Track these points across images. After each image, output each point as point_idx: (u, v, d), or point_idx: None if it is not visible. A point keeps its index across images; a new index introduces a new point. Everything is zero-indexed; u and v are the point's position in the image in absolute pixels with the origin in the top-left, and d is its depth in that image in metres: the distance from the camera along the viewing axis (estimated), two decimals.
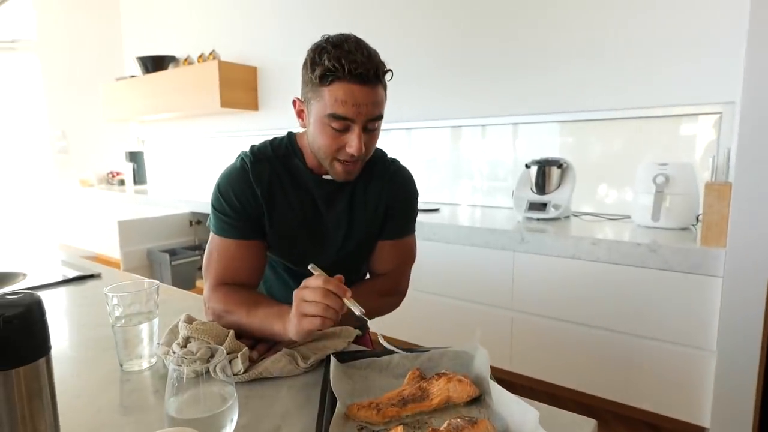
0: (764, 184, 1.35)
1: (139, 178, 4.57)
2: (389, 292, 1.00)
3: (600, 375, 1.70)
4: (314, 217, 0.93)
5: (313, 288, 0.68)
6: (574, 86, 2.20)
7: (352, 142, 0.81)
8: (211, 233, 0.91)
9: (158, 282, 0.79)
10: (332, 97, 0.78)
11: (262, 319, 0.76)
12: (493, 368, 2.00)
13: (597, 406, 1.76)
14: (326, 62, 0.76)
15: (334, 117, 0.79)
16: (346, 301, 0.70)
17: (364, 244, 0.98)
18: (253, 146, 0.94)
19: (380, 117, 0.82)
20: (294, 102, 0.88)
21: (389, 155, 1.03)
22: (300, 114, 0.88)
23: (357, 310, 0.69)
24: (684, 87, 1.92)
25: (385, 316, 0.96)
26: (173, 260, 3.09)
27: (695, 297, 1.50)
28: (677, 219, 1.76)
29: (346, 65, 0.75)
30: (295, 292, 0.71)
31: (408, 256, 1.03)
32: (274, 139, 0.95)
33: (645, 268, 1.57)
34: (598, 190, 2.22)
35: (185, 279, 3.15)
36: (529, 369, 1.86)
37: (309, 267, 0.75)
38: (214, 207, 0.90)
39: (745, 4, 1.38)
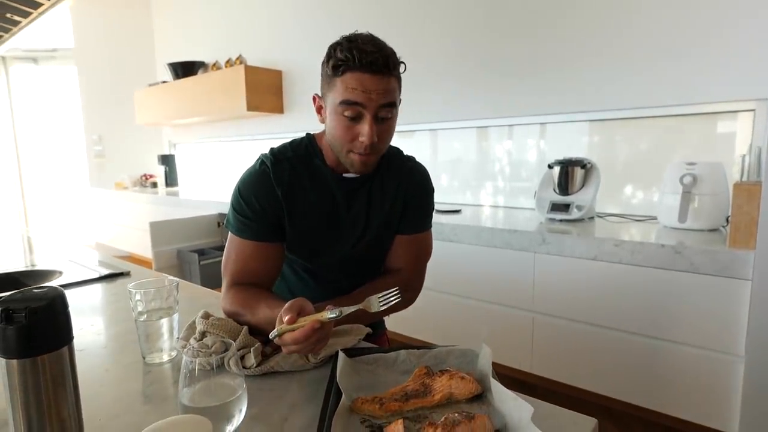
0: None
1: (170, 180, 4.74)
2: (404, 288, 1.00)
3: (623, 379, 1.66)
4: (333, 215, 0.95)
5: (296, 339, 0.66)
6: (601, 84, 2.16)
7: (364, 131, 0.83)
8: (230, 234, 0.94)
9: (178, 279, 0.83)
10: (344, 85, 0.81)
11: (266, 322, 0.78)
12: (514, 370, 1.99)
13: (620, 410, 1.73)
14: (338, 54, 0.80)
15: (346, 104, 0.81)
16: (326, 317, 0.66)
17: (379, 240, 0.99)
18: (272, 148, 0.96)
19: (392, 105, 0.84)
20: (314, 98, 0.91)
21: (409, 154, 1.05)
22: (319, 110, 0.91)
23: (339, 314, 0.67)
24: (715, 84, 1.86)
25: (405, 316, 0.98)
26: (202, 260, 3.18)
27: (723, 300, 1.45)
28: (706, 220, 1.70)
29: (357, 55, 0.79)
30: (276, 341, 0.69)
31: (423, 252, 1.04)
32: (293, 140, 0.98)
33: (670, 270, 1.53)
34: (624, 191, 2.17)
35: (213, 278, 3.24)
36: (551, 371, 1.84)
37: (270, 335, 0.69)
38: (234, 208, 0.93)
39: None
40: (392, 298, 0.72)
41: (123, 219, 4.51)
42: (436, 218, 2.15)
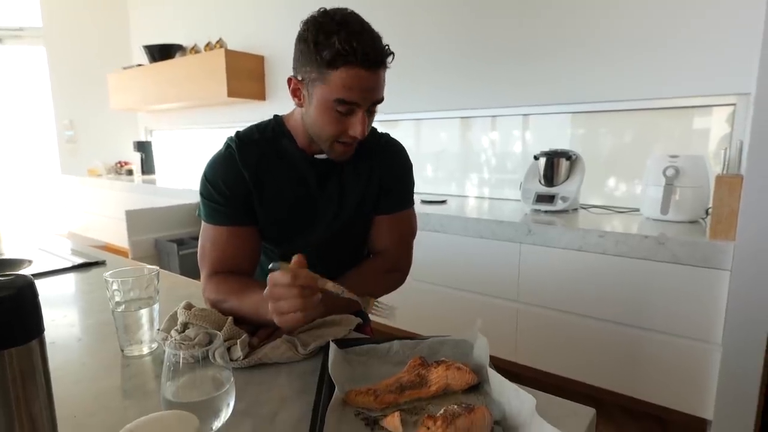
0: None
1: (147, 167, 4.60)
2: (390, 269, 0.98)
3: (605, 367, 1.69)
4: (305, 197, 0.92)
5: (283, 284, 0.66)
6: (585, 76, 2.16)
7: (357, 126, 0.80)
8: (203, 223, 0.90)
9: (158, 268, 0.79)
10: (340, 81, 0.76)
11: (255, 306, 0.76)
12: (498, 359, 2.01)
13: (602, 398, 1.75)
14: (336, 44, 0.74)
15: (342, 102, 0.78)
16: (330, 288, 0.69)
17: (356, 222, 0.96)
18: (238, 131, 0.92)
19: (382, 100, 0.82)
20: (289, 81, 0.85)
21: (383, 131, 1.01)
22: (296, 93, 0.85)
23: (334, 290, 0.69)
24: (697, 78, 1.88)
25: (389, 300, 0.95)
26: (181, 250, 3.10)
27: (702, 290, 1.47)
28: (687, 212, 1.73)
29: (358, 49, 0.74)
30: (265, 293, 0.68)
31: (407, 231, 1.01)
32: (260, 123, 0.94)
33: (652, 261, 1.55)
34: (607, 183, 2.19)
35: (193, 268, 3.16)
36: (535, 360, 1.85)
37: (269, 267, 0.70)
38: (202, 195, 0.89)
39: None
40: (385, 311, 0.73)
41: (97, 207, 4.36)
42: (422, 209, 2.13)
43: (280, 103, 3.55)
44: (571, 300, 1.74)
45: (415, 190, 1.04)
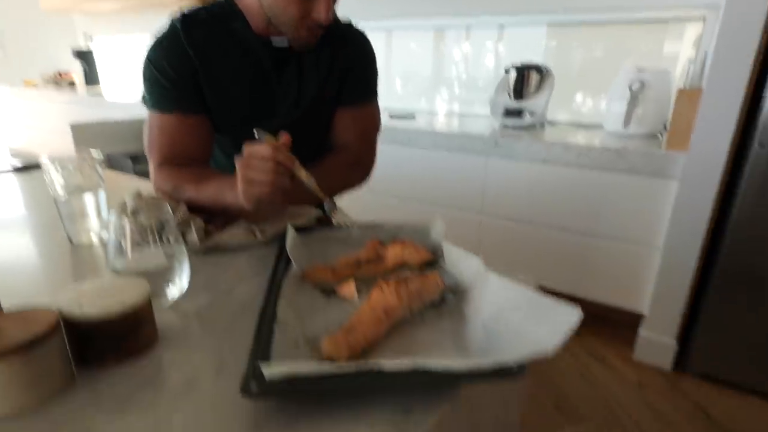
0: (734, 89, 1.35)
1: (90, 78, 4.23)
2: (353, 164, 0.96)
3: (559, 271, 1.80)
4: (261, 84, 0.86)
5: (262, 155, 0.64)
6: None
7: (321, 10, 0.74)
8: (148, 112, 0.84)
9: (100, 153, 0.74)
10: None
11: (215, 191, 0.73)
12: None
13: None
14: None
15: None
16: (303, 177, 0.67)
17: (315, 115, 0.92)
18: (182, 11, 0.84)
19: None
20: None
21: (347, 20, 0.94)
22: None
23: (305, 180, 0.68)
24: None
25: (354, 218, 0.94)
26: (136, 166, 2.96)
27: (653, 199, 1.55)
28: (647, 126, 1.76)
29: None
30: (237, 158, 0.65)
31: (371, 125, 0.98)
32: (207, 3, 0.85)
33: (612, 172, 1.60)
34: (575, 98, 2.19)
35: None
36: (494, 265, 1.93)
37: (255, 131, 0.69)
38: (146, 79, 0.82)
39: None
40: (347, 223, 0.73)
41: (37, 121, 4.04)
42: (390, 123, 2.09)
43: None
44: (532, 211, 1.80)
45: (384, 105, 0.99)
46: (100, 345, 0.41)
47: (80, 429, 0.36)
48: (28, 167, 1.22)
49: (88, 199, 0.71)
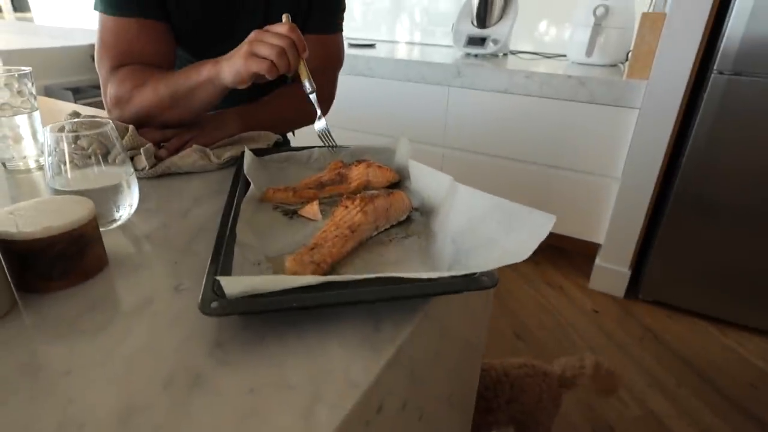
0: (697, 14, 1.34)
1: (18, 4, 3.78)
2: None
3: (519, 202, 1.83)
4: (224, 3, 0.80)
5: (278, 31, 0.61)
6: None
7: None
8: (100, 16, 0.75)
9: (30, 68, 0.66)
10: None
11: (186, 73, 0.67)
12: None
13: None
14: None
15: None
16: (303, 72, 0.65)
17: None
18: None
19: None
20: None
21: None
22: None
23: (307, 82, 0.66)
24: None
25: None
26: (78, 98, 2.74)
27: (612, 128, 1.57)
28: (610, 55, 1.76)
29: None
30: (253, 32, 0.62)
31: (334, 57, 0.93)
32: None
33: (573, 102, 1.60)
34: (539, 27, 2.14)
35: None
36: None
37: (283, 16, 0.66)
38: None
39: None
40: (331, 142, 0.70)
41: None
42: (349, 52, 1.98)
43: None
44: (495, 142, 1.79)
45: (343, 35, 0.94)
46: (43, 267, 0.38)
47: (24, 353, 0.33)
48: None
49: (21, 120, 0.65)
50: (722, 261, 1.50)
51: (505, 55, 2.06)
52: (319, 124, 0.69)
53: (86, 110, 0.91)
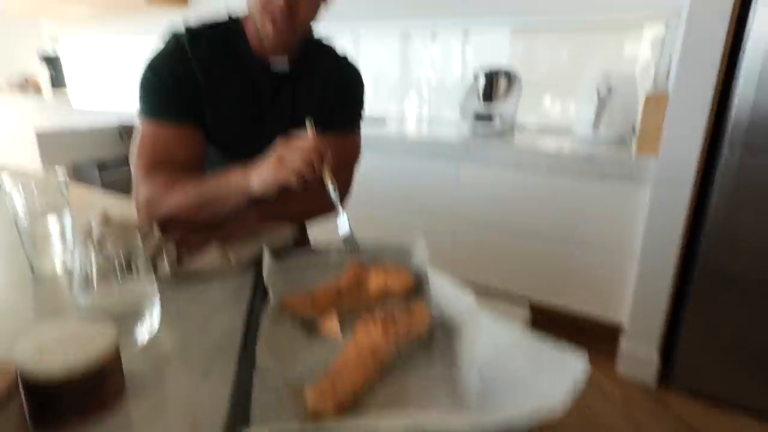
0: (700, 93, 1.37)
1: (57, 83, 4.07)
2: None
3: (535, 280, 1.80)
4: (256, 107, 0.87)
5: (305, 144, 0.66)
6: None
7: None
8: (140, 121, 0.81)
9: (64, 169, 0.70)
10: None
11: (216, 180, 0.72)
12: None
13: (531, 306, 1.89)
14: None
15: None
16: (328, 179, 0.68)
17: None
18: (186, 25, 0.83)
19: None
20: None
21: (344, 53, 0.98)
22: None
23: (331, 187, 0.69)
24: None
25: (328, 229, 0.93)
26: (103, 174, 2.87)
27: (625, 204, 1.57)
28: (616, 129, 1.79)
29: None
30: (280, 142, 0.67)
31: (354, 154, 0.99)
32: (212, 21, 0.86)
33: (584, 177, 1.62)
34: (543, 102, 2.22)
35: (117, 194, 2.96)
36: (469, 274, 1.94)
37: (306, 120, 0.71)
38: (144, 88, 0.80)
39: None
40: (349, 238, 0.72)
41: (2, 127, 3.87)
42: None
43: (205, 8, 3.18)
44: (506, 218, 1.80)
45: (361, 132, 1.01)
46: (62, 404, 0.38)
47: None
48: None
49: (52, 223, 0.67)
50: (761, 342, 1.41)
51: (512, 129, 2.12)
52: (343, 228, 0.71)
53: (115, 204, 0.95)
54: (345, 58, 0.98)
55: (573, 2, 2.00)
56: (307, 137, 0.66)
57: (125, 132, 3.15)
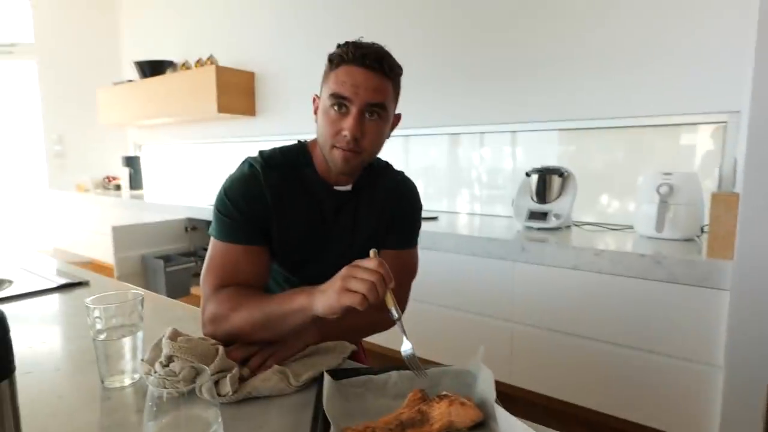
0: None
1: (135, 183, 4.53)
2: (385, 307, 0.95)
3: (603, 390, 1.65)
4: (320, 226, 0.92)
5: (368, 266, 0.67)
6: (574, 95, 2.17)
7: (348, 123, 0.81)
8: (213, 240, 0.87)
9: (143, 292, 0.75)
10: (336, 78, 0.81)
11: (281, 300, 0.73)
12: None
13: (599, 421, 1.71)
14: (337, 49, 0.83)
15: (334, 97, 0.81)
16: (390, 303, 0.69)
17: (364, 254, 0.95)
18: (262, 152, 0.93)
19: (381, 105, 0.83)
20: (313, 99, 0.90)
21: (399, 169, 1.05)
22: (315, 111, 0.89)
23: (394, 310, 0.69)
24: (687, 96, 1.89)
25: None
26: (168, 267, 3.04)
27: (701, 310, 1.45)
28: (682, 230, 1.72)
29: (357, 52, 0.80)
30: (345, 268, 0.68)
31: (409, 270, 1.00)
32: (284, 147, 0.94)
33: (649, 280, 1.53)
34: (599, 200, 2.19)
35: (180, 286, 3.10)
36: (529, 382, 1.81)
37: (371, 251, 0.71)
38: (219, 211, 0.87)
39: (752, 11, 1.35)
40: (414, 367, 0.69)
41: (84, 223, 4.28)
42: None
43: (270, 119, 3.53)
44: (566, 320, 1.71)
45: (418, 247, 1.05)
46: None
47: None
48: (71, 285, 1.25)
49: (126, 341, 0.71)
50: None
51: (568, 227, 2.08)
52: (406, 350, 0.69)
53: (185, 314, 0.99)
54: (401, 174, 1.04)
55: (622, 107, 2.05)
56: (371, 262, 0.67)
57: (190, 226, 3.38)
